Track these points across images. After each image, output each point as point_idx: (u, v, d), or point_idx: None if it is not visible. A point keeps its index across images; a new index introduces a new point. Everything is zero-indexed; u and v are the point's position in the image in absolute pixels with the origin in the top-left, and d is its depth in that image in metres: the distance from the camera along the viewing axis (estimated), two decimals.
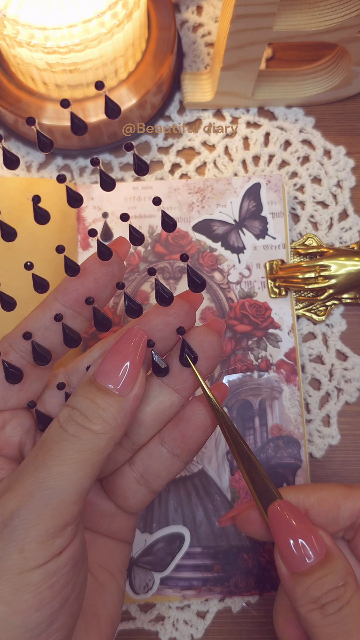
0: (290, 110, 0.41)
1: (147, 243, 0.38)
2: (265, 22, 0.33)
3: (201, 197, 0.38)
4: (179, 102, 0.42)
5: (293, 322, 0.37)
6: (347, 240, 0.39)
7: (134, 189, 0.38)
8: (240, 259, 0.38)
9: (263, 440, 0.35)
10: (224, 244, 0.38)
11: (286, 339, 0.37)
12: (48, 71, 0.34)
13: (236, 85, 0.39)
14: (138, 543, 0.35)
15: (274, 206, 0.38)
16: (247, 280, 0.37)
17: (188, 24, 0.43)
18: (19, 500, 0.19)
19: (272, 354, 0.36)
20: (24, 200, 0.37)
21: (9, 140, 0.41)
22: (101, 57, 0.34)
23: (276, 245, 0.38)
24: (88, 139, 0.39)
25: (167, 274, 0.38)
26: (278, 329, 0.37)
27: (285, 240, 0.38)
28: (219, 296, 0.37)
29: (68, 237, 0.37)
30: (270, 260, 0.37)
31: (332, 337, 0.38)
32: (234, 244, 0.38)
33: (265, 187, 0.38)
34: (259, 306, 0.37)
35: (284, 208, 0.38)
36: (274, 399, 0.36)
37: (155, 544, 0.35)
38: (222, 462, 0.35)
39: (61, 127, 0.37)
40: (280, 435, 0.36)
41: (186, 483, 0.35)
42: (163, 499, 0.35)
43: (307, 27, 0.34)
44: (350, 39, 0.35)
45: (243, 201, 0.38)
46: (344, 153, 0.41)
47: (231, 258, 0.38)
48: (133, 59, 0.37)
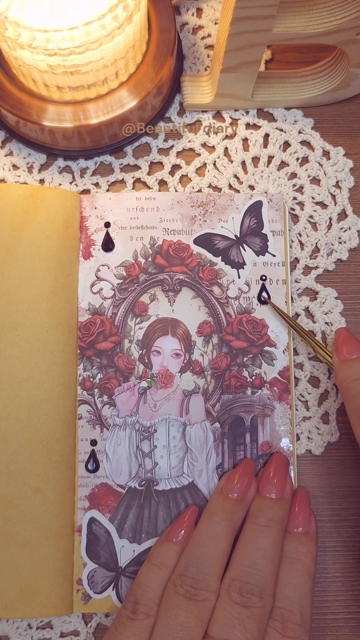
0: (289, 111, 0.42)
1: (147, 254, 0.38)
2: (264, 25, 0.33)
3: (203, 210, 0.39)
4: (179, 104, 0.42)
5: (289, 341, 0.37)
6: (346, 240, 0.40)
7: (137, 200, 0.39)
8: (240, 275, 0.38)
9: (253, 457, 0.36)
10: (224, 258, 0.38)
11: (281, 357, 0.37)
12: (49, 73, 0.35)
13: (236, 87, 0.39)
14: (126, 553, 0.35)
15: (274, 224, 0.38)
16: (246, 296, 0.38)
17: (188, 26, 0.44)
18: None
19: (266, 371, 0.37)
20: (27, 207, 0.37)
21: (11, 141, 0.41)
22: (102, 59, 0.34)
23: (276, 263, 0.38)
24: (89, 140, 0.39)
25: (166, 286, 0.38)
26: (274, 347, 0.37)
27: (284, 258, 0.38)
28: (217, 311, 0.38)
29: (70, 245, 0.38)
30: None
31: (332, 336, 0.38)
32: (234, 259, 0.38)
33: (267, 205, 0.39)
34: (256, 322, 0.37)
35: (285, 227, 0.38)
36: (266, 416, 0.36)
37: (143, 554, 0.35)
38: (212, 476, 0.36)
39: (62, 129, 0.38)
40: (270, 452, 0.36)
41: (176, 495, 0.35)
42: (152, 510, 0.35)
43: (306, 30, 0.34)
44: (349, 41, 0.35)
45: (244, 218, 0.39)
46: (342, 154, 0.41)
47: (231, 273, 0.38)
48: (133, 61, 0.38)
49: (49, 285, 0.37)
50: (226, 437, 0.36)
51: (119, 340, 0.37)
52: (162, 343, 0.37)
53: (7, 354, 0.35)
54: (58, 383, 0.36)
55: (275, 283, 0.38)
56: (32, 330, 0.36)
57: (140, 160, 0.41)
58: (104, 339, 0.37)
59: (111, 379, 0.37)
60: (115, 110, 0.38)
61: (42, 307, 0.36)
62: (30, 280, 0.36)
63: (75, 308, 0.37)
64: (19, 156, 0.41)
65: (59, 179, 0.41)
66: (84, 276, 0.38)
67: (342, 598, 0.35)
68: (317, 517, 0.36)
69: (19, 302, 0.36)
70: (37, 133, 0.39)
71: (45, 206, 0.37)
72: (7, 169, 0.41)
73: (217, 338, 0.37)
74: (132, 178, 0.41)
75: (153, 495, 0.35)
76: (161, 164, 0.41)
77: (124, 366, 0.37)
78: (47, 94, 0.38)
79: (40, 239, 0.37)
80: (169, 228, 0.38)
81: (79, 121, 0.38)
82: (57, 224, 0.37)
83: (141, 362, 0.37)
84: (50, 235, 0.37)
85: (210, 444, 0.36)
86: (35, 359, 0.36)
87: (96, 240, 0.38)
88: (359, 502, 0.36)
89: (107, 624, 0.35)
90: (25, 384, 0.35)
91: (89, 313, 0.37)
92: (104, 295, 0.38)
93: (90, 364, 0.37)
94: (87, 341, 0.37)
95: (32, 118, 0.38)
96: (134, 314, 0.37)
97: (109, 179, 0.41)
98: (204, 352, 0.37)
